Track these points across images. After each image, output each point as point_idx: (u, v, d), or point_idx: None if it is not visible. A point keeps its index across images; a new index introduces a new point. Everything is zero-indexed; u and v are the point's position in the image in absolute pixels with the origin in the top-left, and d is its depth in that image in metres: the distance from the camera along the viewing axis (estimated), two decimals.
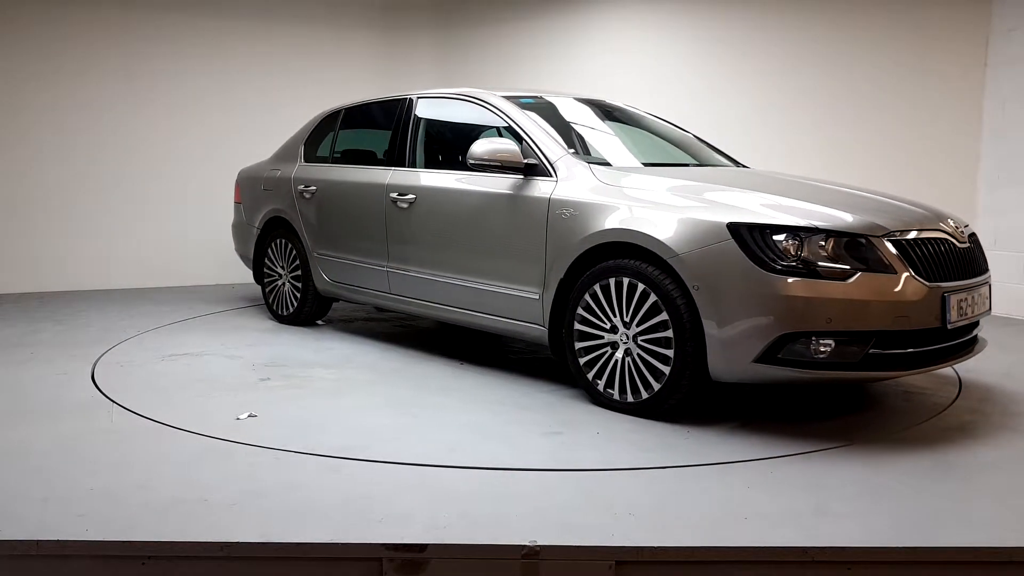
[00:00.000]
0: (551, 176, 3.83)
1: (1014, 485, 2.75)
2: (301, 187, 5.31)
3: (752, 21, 6.88)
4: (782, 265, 3.07)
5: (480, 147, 3.88)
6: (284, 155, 5.73)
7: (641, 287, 3.35)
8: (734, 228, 3.15)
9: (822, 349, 3.06)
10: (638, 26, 7.40)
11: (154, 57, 7.39)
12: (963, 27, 6.19)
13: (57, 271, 7.14)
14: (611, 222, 3.49)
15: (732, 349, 3.13)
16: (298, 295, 5.42)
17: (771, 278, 3.05)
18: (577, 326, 3.61)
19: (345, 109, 5.41)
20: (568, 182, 3.76)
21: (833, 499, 2.56)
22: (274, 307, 5.66)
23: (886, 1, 6.39)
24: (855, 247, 3.12)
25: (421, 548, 2.19)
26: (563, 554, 2.19)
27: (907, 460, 2.96)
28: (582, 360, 3.62)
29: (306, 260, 5.28)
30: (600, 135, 4.54)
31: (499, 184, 4.02)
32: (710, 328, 3.16)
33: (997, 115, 6.13)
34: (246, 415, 3.39)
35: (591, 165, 3.81)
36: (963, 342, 3.48)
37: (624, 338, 3.44)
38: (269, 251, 5.65)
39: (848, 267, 3.07)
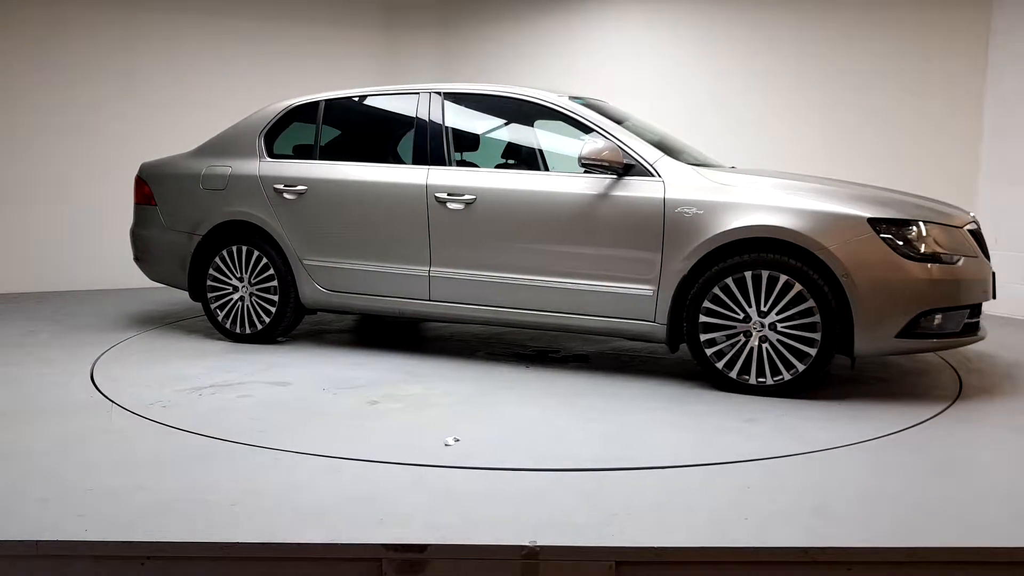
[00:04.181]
0: (653, 176, 3.98)
1: (1014, 485, 2.75)
2: (280, 186, 4.76)
3: (752, 22, 6.88)
4: (915, 253, 3.63)
5: (589, 147, 3.97)
6: (228, 149, 5.06)
7: (783, 278, 3.65)
8: (874, 223, 3.63)
9: (939, 321, 3.67)
10: (639, 25, 7.40)
11: (153, 56, 7.39)
12: (963, 27, 6.18)
13: (57, 271, 7.14)
14: (749, 219, 3.73)
15: (878, 328, 3.61)
16: (271, 309, 4.79)
17: (911, 265, 3.61)
18: (703, 318, 3.81)
19: (326, 101, 4.91)
20: (678, 182, 3.93)
21: (833, 499, 2.56)
22: (228, 325, 4.91)
23: (886, 1, 6.39)
24: (955, 237, 3.79)
25: (421, 548, 2.19)
26: (563, 554, 2.19)
27: (907, 460, 2.96)
28: (709, 351, 3.82)
29: (287, 269, 4.74)
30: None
31: (589, 185, 4.06)
32: (858, 312, 3.59)
33: (997, 115, 6.13)
34: (452, 439, 3.12)
35: (692, 166, 4.04)
36: None
37: (758, 326, 3.71)
38: (218, 261, 4.91)
39: (956, 253, 3.73)
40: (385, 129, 4.98)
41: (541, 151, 4.75)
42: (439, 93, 4.61)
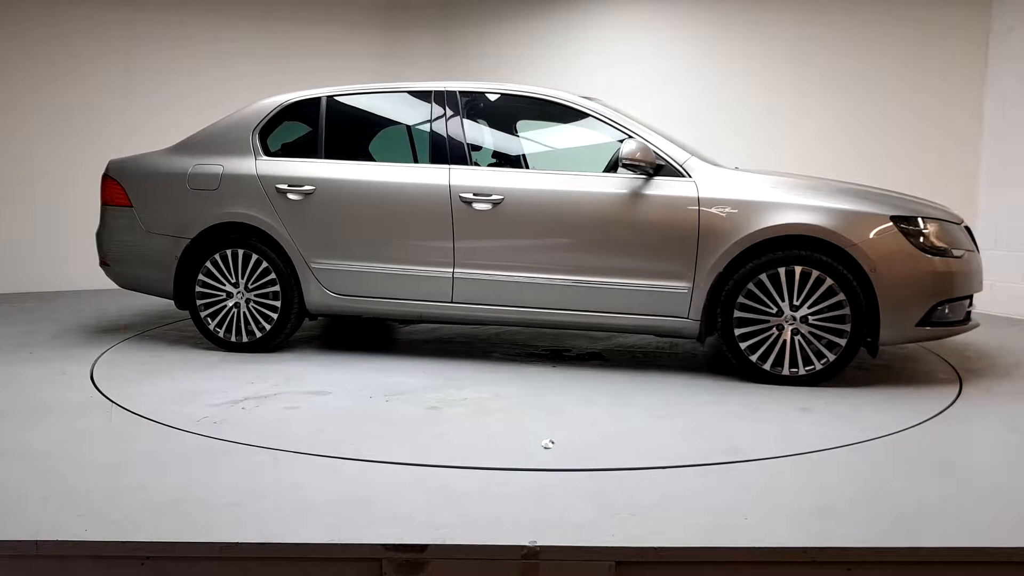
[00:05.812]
0: (683, 176, 4.09)
1: (1014, 485, 2.75)
2: (282, 186, 4.53)
3: (751, 22, 6.88)
4: (931, 248, 3.89)
5: (628, 148, 4.06)
6: (216, 147, 4.77)
7: (816, 273, 3.85)
8: (896, 220, 3.87)
9: (948, 310, 3.93)
10: (638, 25, 7.40)
11: (154, 56, 7.40)
12: (963, 27, 6.19)
13: (56, 271, 7.14)
14: (784, 218, 3.89)
15: (901, 318, 3.86)
16: (271, 315, 4.56)
17: (929, 259, 3.87)
18: (737, 313, 3.96)
19: (327, 97, 4.71)
20: (709, 182, 4.05)
21: (833, 499, 2.56)
22: (222, 334, 4.62)
23: (886, 2, 6.39)
24: (959, 233, 4.06)
25: (421, 548, 2.19)
26: (563, 554, 2.19)
27: (907, 460, 2.96)
28: (743, 345, 3.97)
29: (291, 273, 4.52)
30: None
31: (619, 184, 4.13)
32: (885, 303, 3.82)
33: (997, 115, 6.13)
34: (548, 441, 3.09)
35: (719, 167, 4.16)
36: None
37: (791, 319, 3.91)
38: (209, 265, 4.62)
39: (961, 248, 3.99)
40: (395, 127, 4.93)
41: (560, 151, 4.83)
42: (457, 92, 4.54)
